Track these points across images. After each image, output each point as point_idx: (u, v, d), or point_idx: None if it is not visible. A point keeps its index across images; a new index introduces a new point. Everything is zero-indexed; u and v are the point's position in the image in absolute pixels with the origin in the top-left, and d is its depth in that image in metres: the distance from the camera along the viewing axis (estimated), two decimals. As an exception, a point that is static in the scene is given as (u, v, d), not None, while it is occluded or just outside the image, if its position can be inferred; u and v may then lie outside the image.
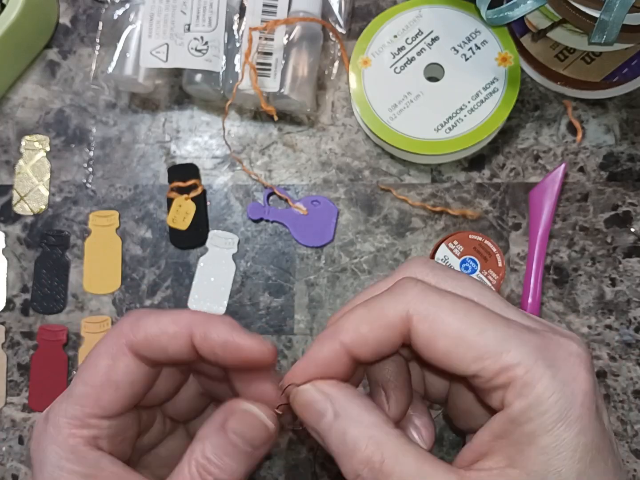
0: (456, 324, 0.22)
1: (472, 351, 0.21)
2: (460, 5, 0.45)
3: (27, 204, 0.48)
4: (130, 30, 0.46)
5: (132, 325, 0.25)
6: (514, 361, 0.21)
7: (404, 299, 0.23)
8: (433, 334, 0.22)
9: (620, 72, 0.43)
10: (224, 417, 0.25)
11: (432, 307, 0.22)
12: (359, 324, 0.24)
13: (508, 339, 0.21)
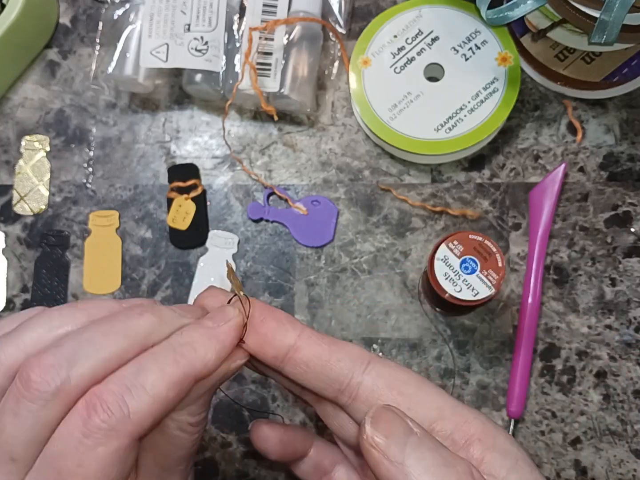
0: None
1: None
2: (460, 5, 0.45)
3: (27, 204, 0.48)
4: (130, 30, 0.46)
5: (131, 419, 0.21)
6: None
7: None
8: None
9: (620, 72, 0.43)
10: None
11: None
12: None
13: None
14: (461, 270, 0.36)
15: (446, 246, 0.36)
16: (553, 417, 0.42)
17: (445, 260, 0.36)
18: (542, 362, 0.43)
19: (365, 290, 0.45)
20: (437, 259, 0.36)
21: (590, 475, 0.42)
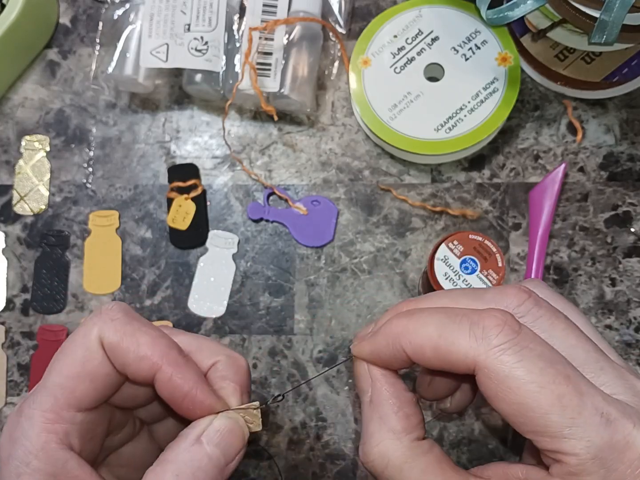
0: (523, 398, 0.21)
1: (532, 426, 0.21)
2: (460, 5, 0.45)
3: (27, 204, 0.48)
4: (130, 30, 0.46)
5: (112, 327, 0.25)
6: (571, 450, 0.20)
7: (477, 346, 0.21)
8: (497, 395, 0.21)
9: (620, 72, 0.43)
10: (199, 431, 0.25)
11: (505, 369, 0.21)
12: (423, 345, 0.23)
13: (573, 427, 0.20)
14: (461, 270, 0.36)
15: (446, 246, 0.36)
16: (553, 417, 0.42)
17: (445, 260, 0.36)
18: (542, 362, 0.43)
19: (365, 290, 0.45)
20: (437, 259, 0.36)
21: (590, 475, 0.41)
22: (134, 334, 0.25)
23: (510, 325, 0.21)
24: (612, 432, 0.20)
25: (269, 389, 0.44)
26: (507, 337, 0.21)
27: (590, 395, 0.21)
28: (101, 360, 0.25)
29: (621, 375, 0.22)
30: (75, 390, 0.24)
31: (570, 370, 0.21)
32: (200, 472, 0.23)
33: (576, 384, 0.21)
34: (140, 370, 0.25)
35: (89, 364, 0.24)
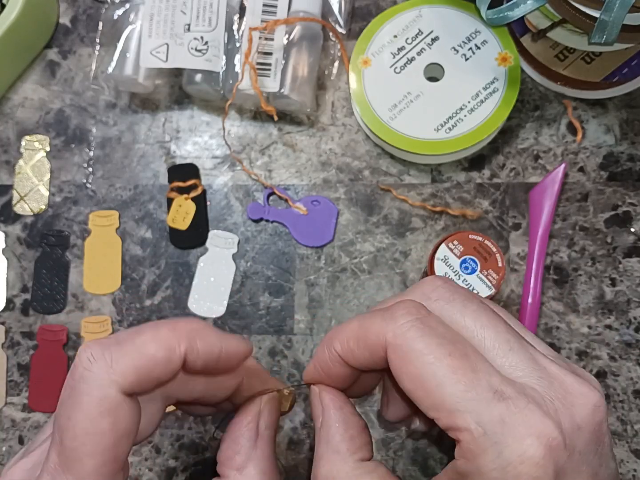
0: (420, 370, 0.22)
1: (429, 399, 0.21)
2: (460, 5, 0.45)
3: (27, 204, 0.48)
4: (130, 30, 0.46)
5: (112, 368, 0.22)
6: (462, 425, 0.21)
7: (386, 326, 0.23)
8: (401, 371, 0.22)
9: (620, 72, 0.43)
10: (255, 426, 0.26)
11: (407, 342, 0.22)
12: (348, 338, 0.24)
13: (464, 401, 0.20)
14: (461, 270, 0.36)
15: (446, 246, 0.36)
16: (553, 417, 0.42)
17: (445, 260, 0.36)
18: (542, 362, 0.43)
19: (365, 290, 0.45)
20: (437, 259, 0.36)
21: (590, 475, 0.42)
22: (136, 347, 0.23)
23: (417, 308, 0.23)
24: (503, 407, 0.20)
25: (269, 389, 0.44)
26: (412, 317, 0.23)
27: (486, 373, 0.21)
28: (128, 412, 0.22)
29: (532, 357, 0.22)
30: (118, 457, 0.22)
31: (470, 350, 0.22)
32: (272, 458, 0.26)
33: (473, 362, 0.21)
34: (169, 370, 0.23)
35: (120, 426, 0.22)
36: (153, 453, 0.44)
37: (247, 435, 0.26)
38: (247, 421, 0.26)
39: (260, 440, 0.26)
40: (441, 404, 0.21)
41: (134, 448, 0.44)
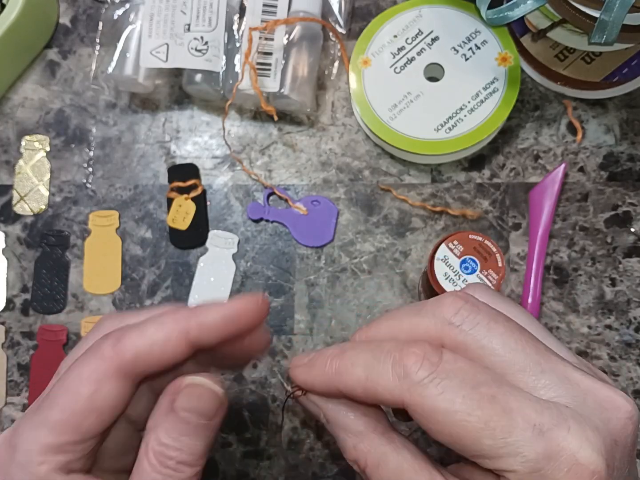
0: (451, 429, 0.21)
1: (468, 451, 0.21)
2: (460, 5, 0.45)
3: (27, 204, 0.48)
4: (130, 30, 0.46)
5: (115, 346, 0.24)
6: (509, 468, 0.20)
7: (401, 385, 0.22)
8: (428, 427, 0.22)
9: (620, 72, 0.43)
10: (170, 399, 0.24)
11: (429, 404, 0.21)
12: (354, 387, 0.23)
13: (506, 447, 0.20)
14: (461, 270, 0.36)
15: (446, 246, 0.36)
16: (553, 417, 0.42)
17: (445, 260, 0.36)
18: (542, 362, 0.43)
19: (365, 290, 0.45)
20: (437, 259, 0.36)
21: (590, 475, 0.41)
22: (142, 337, 0.24)
23: (429, 359, 0.22)
24: (546, 443, 0.20)
25: (269, 389, 0.44)
26: (427, 372, 0.21)
27: (520, 410, 0.21)
28: (109, 391, 0.24)
29: (564, 374, 0.22)
30: (81, 428, 0.24)
31: (496, 389, 0.21)
32: (185, 438, 0.24)
33: (504, 402, 0.21)
34: (171, 352, 0.24)
35: (96, 399, 0.24)
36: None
37: (160, 404, 0.25)
38: (165, 392, 0.25)
39: (171, 414, 0.24)
40: (481, 454, 0.21)
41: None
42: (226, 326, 0.25)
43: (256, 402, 0.44)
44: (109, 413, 0.24)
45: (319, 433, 0.43)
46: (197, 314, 0.25)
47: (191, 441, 0.24)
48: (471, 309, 0.23)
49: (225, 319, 0.25)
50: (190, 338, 0.24)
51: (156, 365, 0.24)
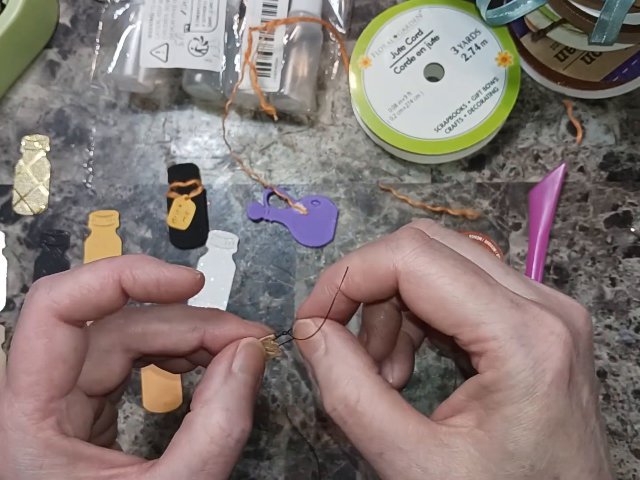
0: (439, 291, 0.22)
1: (451, 318, 0.22)
2: (460, 5, 0.45)
3: (27, 204, 0.48)
4: (130, 30, 0.46)
5: (49, 293, 0.24)
6: (489, 334, 0.22)
7: (395, 256, 0.23)
8: (418, 295, 0.23)
9: (620, 72, 0.43)
10: (227, 363, 0.26)
11: (421, 269, 0.23)
12: (352, 273, 0.25)
13: (487, 312, 0.22)
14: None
15: (446, 246, 0.36)
16: (553, 417, 0.42)
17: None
18: (542, 362, 0.43)
19: (365, 290, 0.45)
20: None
21: (590, 475, 0.42)
22: (76, 283, 0.24)
23: (421, 234, 0.24)
24: (523, 313, 0.22)
25: (269, 388, 0.44)
26: (419, 243, 0.23)
27: (499, 286, 0.23)
28: (64, 335, 0.24)
29: (525, 280, 0.25)
30: (53, 380, 0.24)
31: (478, 268, 0.23)
32: (243, 400, 0.25)
33: (485, 276, 0.23)
34: (106, 298, 0.24)
35: (54, 348, 0.24)
36: (153, 453, 0.44)
37: (217, 372, 0.26)
38: (219, 361, 0.26)
39: (230, 379, 0.25)
40: (464, 320, 0.22)
41: (133, 448, 0.44)
42: (157, 288, 0.25)
43: (256, 402, 0.44)
44: (73, 358, 0.24)
45: (319, 433, 0.43)
46: (132, 267, 0.25)
47: (248, 405, 0.25)
48: (439, 226, 0.26)
49: (158, 281, 0.25)
50: (126, 288, 0.25)
51: (96, 310, 0.25)
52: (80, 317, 0.25)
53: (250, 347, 0.27)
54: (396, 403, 0.23)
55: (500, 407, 0.21)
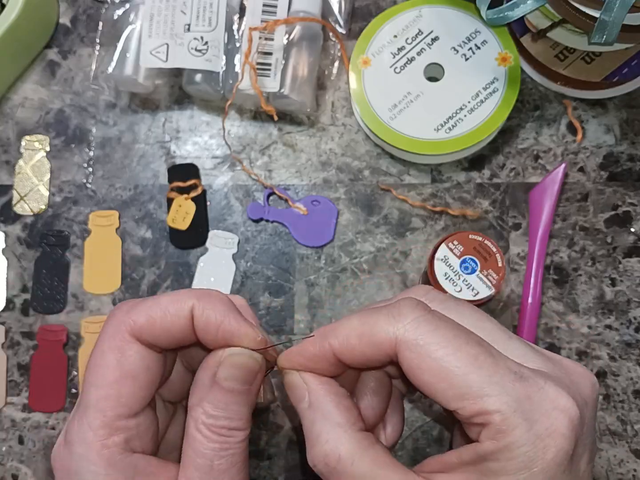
0: (442, 362, 0.22)
1: (453, 390, 0.22)
2: (460, 5, 0.45)
3: (27, 204, 0.48)
4: (130, 30, 0.46)
5: (129, 313, 0.25)
6: (493, 408, 0.21)
7: (396, 323, 0.23)
8: (419, 366, 0.22)
9: (620, 72, 0.43)
10: (211, 372, 0.25)
11: (423, 338, 0.22)
12: (349, 334, 0.24)
13: (491, 385, 0.21)
14: (461, 270, 0.36)
15: (446, 246, 0.36)
16: (553, 417, 0.42)
17: (445, 260, 0.36)
18: (542, 362, 0.43)
19: (365, 290, 0.45)
20: (437, 259, 0.36)
21: (590, 475, 0.42)
22: (156, 305, 0.25)
23: (422, 305, 0.24)
24: (526, 386, 0.22)
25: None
26: (421, 312, 0.23)
27: (502, 357, 0.22)
28: (137, 353, 0.24)
29: (529, 345, 0.24)
30: (121, 397, 0.24)
31: (480, 338, 0.23)
32: (232, 405, 0.25)
33: (487, 347, 0.23)
34: (179, 325, 0.24)
35: (125, 364, 0.24)
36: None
37: (201, 380, 0.25)
38: (204, 367, 0.26)
39: (215, 387, 0.25)
40: (467, 393, 0.22)
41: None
42: (216, 330, 0.25)
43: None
44: (144, 378, 0.25)
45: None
46: (206, 302, 0.25)
47: (238, 407, 0.25)
48: (437, 292, 0.26)
49: (220, 325, 0.25)
50: (195, 319, 0.25)
51: (169, 336, 0.25)
52: (153, 339, 0.25)
53: (235, 357, 0.26)
54: (379, 459, 0.23)
55: (496, 477, 0.21)
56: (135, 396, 0.24)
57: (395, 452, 0.43)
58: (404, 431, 0.43)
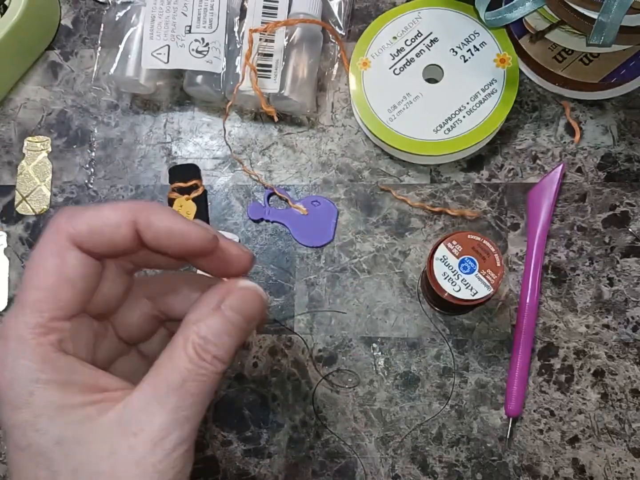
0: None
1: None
2: (459, 7, 0.45)
3: (29, 205, 0.48)
4: (131, 32, 0.46)
5: (70, 220, 0.25)
6: None
7: None
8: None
9: (618, 74, 0.43)
10: (220, 299, 0.26)
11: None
12: None
13: None
14: (460, 270, 0.36)
15: (445, 246, 0.36)
16: (551, 415, 0.43)
17: (444, 260, 0.36)
18: (540, 361, 0.43)
19: (365, 290, 0.45)
20: (436, 259, 0.36)
21: (588, 473, 0.42)
22: (97, 214, 0.25)
23: None
24: None
25: (269, 387, 0.44)
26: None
27: None
28: (76, 260, 0.25)
29: None
30: (59, 300, 0.24)
31: None
32: (225, 336, 0.25)
33: None
34: (120, 235, 0.25)
35: (66, 269, 0.24)
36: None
37: (205, 303, 0.26)
38: (212, 292, 0.26)
39: (217, 312, 0.25)
40: None
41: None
42: (168, 237, 0.25)
43: (256, 400, 0.44)
44: (82, 283, 0.25)
45: (319, 431, 0.44)
46: (150, 212, 0.25)
47: (229, 340, 0.25)
48: None
49: (170, 230, 0.25)
50: (139, 230, 0.25)
51: (110, 245, 0.25)
52: (93, 247, 0.25)
53: (246, 292, 0.26)
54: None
55: None
56: (72, 301, 0.25)
57: (395, 452, 0.43)
58: (404, 430, 0.43)
